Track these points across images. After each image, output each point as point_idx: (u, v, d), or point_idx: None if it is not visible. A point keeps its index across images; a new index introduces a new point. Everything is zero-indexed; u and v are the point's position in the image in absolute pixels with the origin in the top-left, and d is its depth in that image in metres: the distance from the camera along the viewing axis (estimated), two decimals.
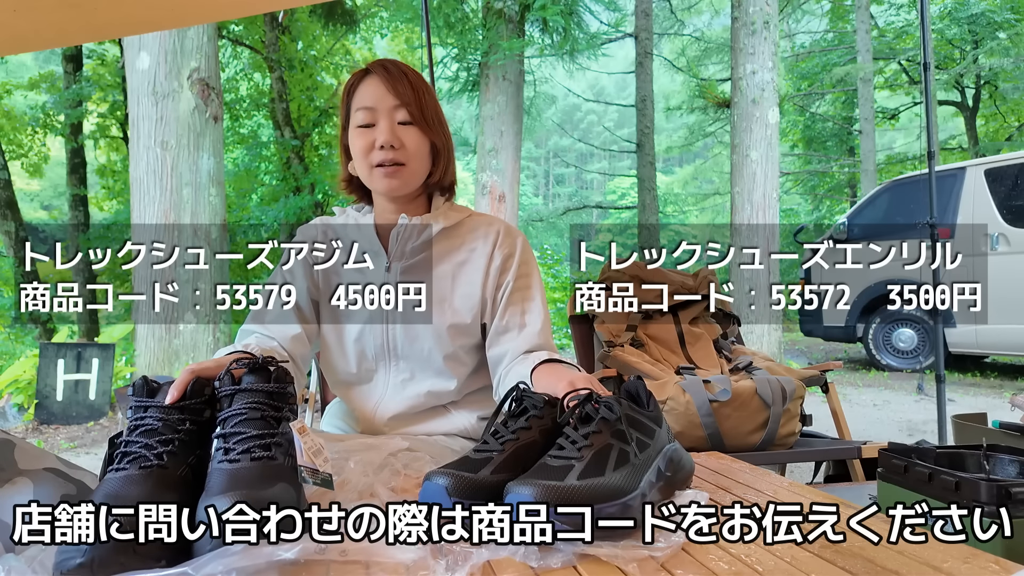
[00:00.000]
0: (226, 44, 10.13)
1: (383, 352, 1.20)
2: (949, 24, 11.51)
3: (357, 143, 1.16)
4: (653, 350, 2.33)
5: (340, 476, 0.82)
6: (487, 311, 1.21)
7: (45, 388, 4.44)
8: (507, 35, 7.19)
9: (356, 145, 1.16)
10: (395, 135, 1.14)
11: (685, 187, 21.70)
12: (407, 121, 1.15)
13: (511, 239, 1.24)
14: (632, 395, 0.85)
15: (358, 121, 1.16)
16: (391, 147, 1.13)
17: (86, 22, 1.53)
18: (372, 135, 1.14)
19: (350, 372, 1.22)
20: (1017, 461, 1.14)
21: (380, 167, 1.14)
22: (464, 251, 1.22)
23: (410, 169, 1.16)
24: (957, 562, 0.61)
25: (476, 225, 1.25)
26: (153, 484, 0.65)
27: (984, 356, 6.49)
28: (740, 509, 0.66)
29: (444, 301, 1.19)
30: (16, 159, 10.74)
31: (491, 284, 1.21)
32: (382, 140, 1.13)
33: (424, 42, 3.79)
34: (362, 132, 1.15)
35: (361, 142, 1.15)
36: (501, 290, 1.21)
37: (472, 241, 1.23)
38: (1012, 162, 5.64)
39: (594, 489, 0.64)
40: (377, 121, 1.14)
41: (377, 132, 1.14)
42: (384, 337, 1.19)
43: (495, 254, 1.22)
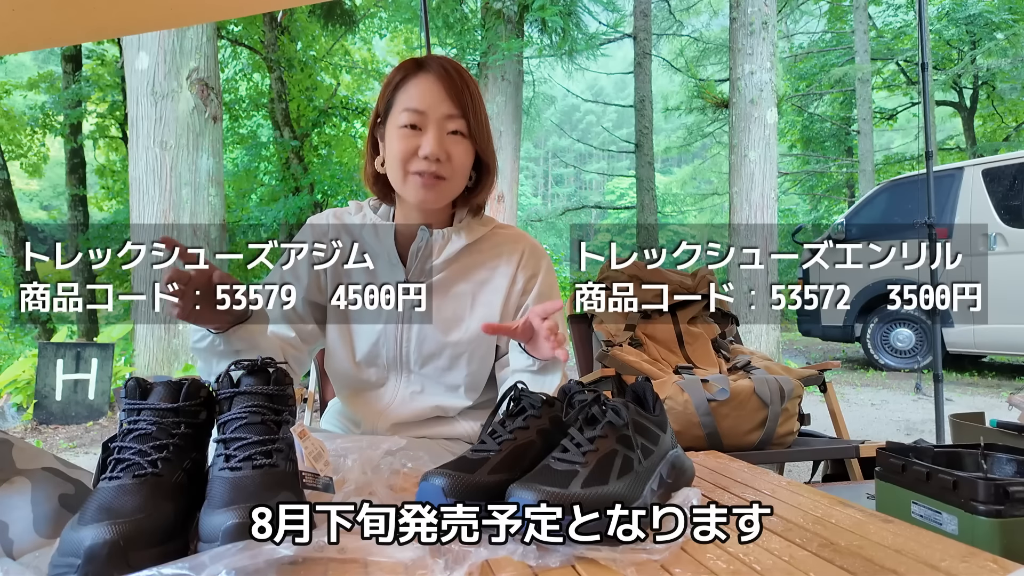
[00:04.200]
0: (225, 44, 10.12)
1: (396, 364, 1.16)
2: (947, 25, 11.53)
3: (397, 145, 1.05)
4: (651, 349, 2.33)
5: (339, 475, 0.82)
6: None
7: (44, 388, 4.43)
8: (506, 35, 7.19)
9: (396, 147, 1.05)
10: (443, 147, 1.04)
11: (684, 187, 21.71)
12: (458, 132, 1.06)
13: (535, 260, 1.19)
14: (639, 397, 0.84)
15: (402, 121, 1.04)
16: (436, 160, 1.04)
17: (85, 21, 1.53)
18: (416, 140, 1.04)
19: (359, 378, 1.18)
20: (1015, 460, 1.14)
21: (418, 175, 1.05)
22: (486, 270, 1.16)
23: (451, 184, 1.08)
24: (955, 561, 0.61)
25: (500, 242, 1.18)
26: (148, 493, 0.63)
27: (982, 356, 6.49)
28: (716, 509, 0.66)
29: (462, 320, 1.14)
30: (15, 159, 10.73)
31: (512, 306, 1.17)
32: (428, 150, 1.03)
33: (423, 42, 3.79)
34: (406, 134, 1.05)
35: (403, 145, 1.05)
36: (520, 311, 1.17)
37: (495, 259, 1.17)
38: (1010, 162, 5.65)
39: (597, 498, 0.64)
40: (425, 126, 1.04)
41: (424, 139, 1.04)
42: (397, 350, 1.15)
43: (518, 276, 1.16)
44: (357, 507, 0.62)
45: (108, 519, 0.59)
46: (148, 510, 0.61)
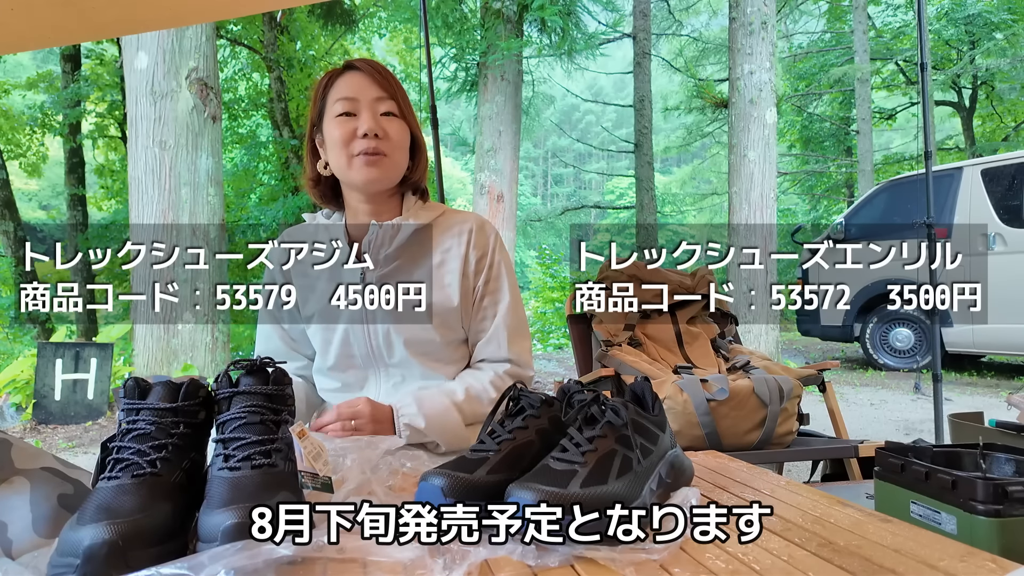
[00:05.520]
0: (224, 44, 10.12)
1: (370, 360, 1.19)
2: (946, 25, 11.53)
3: (336, 132, 1.12)
4: (651, 349, 2.33)
5: (337, 474, 0.82)
6: (466, 315, 1.20)
7: (43, 388, 4.43)
8: (505, 35, 7.19)
9: (335, 134, 1.12)
10: (379, 124, 1.12)
11: (683, 187, 21.70)
12: (390, 112, 1.13)
13: (484, 237, 1.22)
14: (638, 397, 0.84)
15: (337, 111, 1.12)
16: (375, 135, 1.11)
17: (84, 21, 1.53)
18: (353, 123, 1.11)
19: (340, 383, 1.21)
20: (1014, 460, 1.15)
21: (362, 155, 1.11)
22: (438, 252, 1.20)
23: (392, 160, 1.14)
24: (954, 560, 0.61)
25: (449, 224, 1.22)
26: (147, 493, 0.63)
27: (981, 356, 6.50)
28: (715, 509, 0.66)
29: (423, 306, 1.17)
30: (14, 159, 10.73)
31: (469, 285, 1.20)
32: (366, 128, 1.10)
33: (422, 42, 3.79)
34: (342, 121, 1.12)
35: (341, 131, 1.11)
36: (475, 292, 1.20)
37: (446, 240, 1.20)
38: (1009, 162, 5.65)
39: (597, 498, 0.64)
40: (359, 111, 1.12)
41: (360, 121, 1.11)
42: (368, 347, 1.18)
43: (469, 255, 1.20)
44: (357, 507, 0.62)
45: (107, 519, 0.59)
46: (147, 510, 0.61)
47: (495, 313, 1.20)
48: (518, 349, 1.21)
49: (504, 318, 1.20)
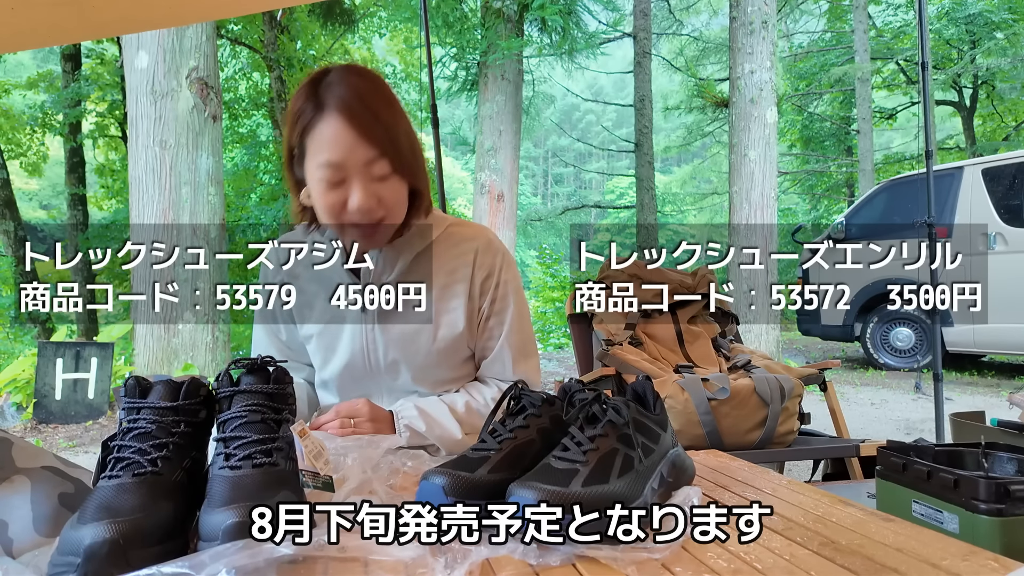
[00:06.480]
0: (225, 43, 10.12)
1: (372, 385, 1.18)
2: (947, 24, 11.53)
3: (324, 200, 0.98)
4: (652, 348, 2.33)
5: (339, 474, 0.82)
6: (471, 335, 1.18)
7: (44, 387, 4.43)
8: (506, 35, 7.19)
9: (323, 203, 0.98)
10: (373, 195, 0.97)
11: (683, 187, 21.70)
12: (384, 176, 0.98)
13: (490, 256, 1.17)
14: (639, 396, 0.84)
15: (321, 176, 0.96)
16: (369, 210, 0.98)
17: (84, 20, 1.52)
18: (343, 193, 0.97)
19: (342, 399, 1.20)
20: (1016, 459, 1.14)
21: (355, 227, 1.00)
22: (443, 274, 1.14)
23: (390, 223, 1.04)
24: (956, 559, 0.61)
25: (455, 242, 1.16)
26: (147, 492, 0.63)
27: (981, 355, 6.50)
28: (716, 508, 0.66)
29: (429, 332, 1.14)
30: (15, 158, 10.73)
31: (475, 307, 1.17)
32: (358, 204, 0.96)
33: (423, 41, 3.79)
34: (329, 188, 0.97)
35: (329, 200, 0.97)
36: (481, 313, 1.18)
37: (451, 261, 1.15)
38: (1009, 162, 5.65)
39: (598, 497, 0.64)
40: (348, 178, 0.96)
41: (351, 192, 0.97)
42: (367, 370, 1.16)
43: (475, 276, 1.15)
44: (357, 506, 0.62)
45: (108, 518, 0.58)
46: (148, 509, 0.61)
47: (500, 334, 1.18)
48: (523, 369, 1.19)
49: (508, 338, 1.18)
